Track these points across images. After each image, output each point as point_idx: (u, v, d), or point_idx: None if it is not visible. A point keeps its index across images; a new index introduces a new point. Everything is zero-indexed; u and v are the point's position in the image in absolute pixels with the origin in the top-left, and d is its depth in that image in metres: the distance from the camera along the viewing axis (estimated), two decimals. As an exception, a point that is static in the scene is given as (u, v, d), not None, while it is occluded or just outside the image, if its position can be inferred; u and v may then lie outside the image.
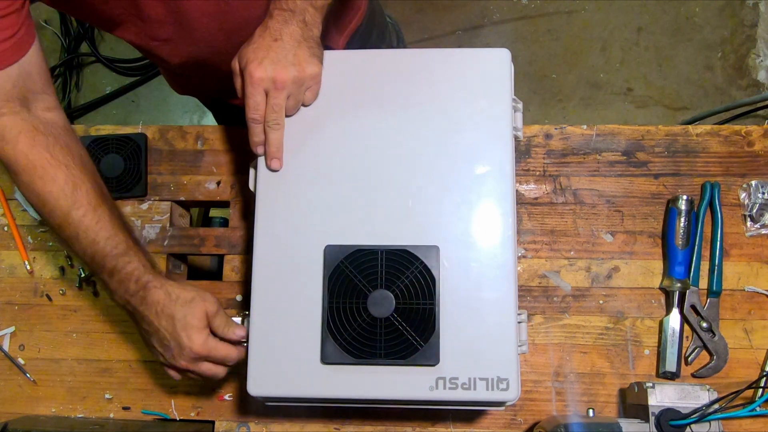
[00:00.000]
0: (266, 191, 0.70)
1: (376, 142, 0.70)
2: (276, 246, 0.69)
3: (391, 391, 0.65)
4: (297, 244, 0.68)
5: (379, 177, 0.69)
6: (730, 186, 0.86)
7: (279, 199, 0.70)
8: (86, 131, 0.92)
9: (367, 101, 0.72)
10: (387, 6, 1.86)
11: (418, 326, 0.65)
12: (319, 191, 0.70)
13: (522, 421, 0.80)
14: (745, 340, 0.82)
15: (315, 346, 0.66)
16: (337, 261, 0.66)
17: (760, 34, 1.82)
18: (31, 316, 0.88)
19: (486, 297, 0.66)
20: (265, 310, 0.68)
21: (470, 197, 0.69)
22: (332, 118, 0.71)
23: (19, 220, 0.91)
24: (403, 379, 0.65)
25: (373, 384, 0.65)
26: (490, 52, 0.73)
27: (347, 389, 0.65)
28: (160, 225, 0.89)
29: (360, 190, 0.69)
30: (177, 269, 0.93)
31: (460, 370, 0.65)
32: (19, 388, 0.86)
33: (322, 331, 0.65)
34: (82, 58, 1.97)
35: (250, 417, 0.83)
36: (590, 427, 0.71)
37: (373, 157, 0.70)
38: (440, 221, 0.68)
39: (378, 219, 0.68)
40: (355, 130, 0.71)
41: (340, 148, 0.71)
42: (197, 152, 0.91)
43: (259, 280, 0.68)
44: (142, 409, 0.84)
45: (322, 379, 0.65)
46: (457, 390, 0.64)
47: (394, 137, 0.70)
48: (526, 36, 1.86)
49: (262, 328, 0.67)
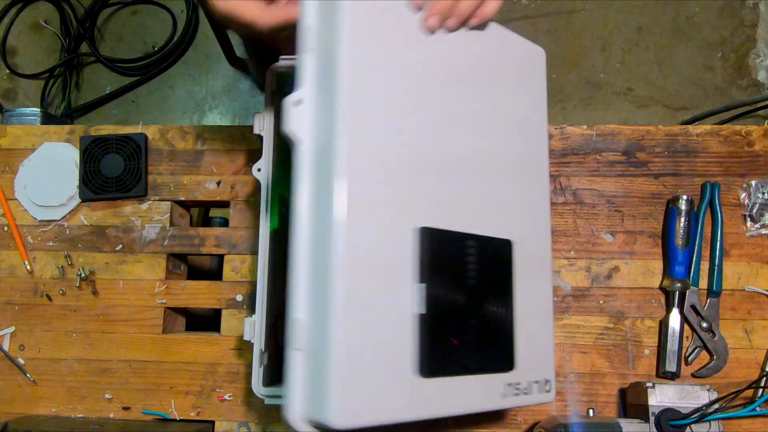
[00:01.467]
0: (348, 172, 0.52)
1: (458, 125, 0.61)
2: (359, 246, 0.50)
3: (472, 403, 0.57)
4: (383, 234, 0.52)
5: (463, 164, 0.60)
6: (730, 186, 0.86)
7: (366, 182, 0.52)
8: (86, 131, 0.93)
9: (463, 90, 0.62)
10: (387, 6, 1.86)
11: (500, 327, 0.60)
12: (409, 178, 0.56)
13: (522, 421, 0.80)
14: (745, 340, 0.82)
15: (409, 358, 0.52)
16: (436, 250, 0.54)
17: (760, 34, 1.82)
18: (31, 316, 0.88)
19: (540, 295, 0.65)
20: (354, 320, 0.49)
21: (542, 193, 0.68)
22: (426, 100, 0.59)
23: (19, 220, 0.91)
24: (479, 388, 0.57)
25: (468, 395, 0.56)
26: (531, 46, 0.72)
27: (447, 404, 0.55)
28: (160, 225, 0.89)
29: (447, 176, 0.59)
30: (177, 269, 0.93)
31: (523, 374, 0.60)
32: (19, 388, 0.86)
33: (420, 339, 0.53)
34: (82, 58, 1.97)
35: (250, 417, 0.83)
36: (590, 427, 0.71)
37: (453, 143, 0.60)
38: (514, 215, 0.64)
39: (458, 207, 0.59)
40: (442, 116, 0.60)
41: (428, 132, 0.58)
42: (197, 152, 0.91)
43: (342, 288, 0.49)
44: (142, 409, 0.84)
45: (422, 396, 0.53)
46: (520, 396, 0.60)
47: (478, 127, 0.63)
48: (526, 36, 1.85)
49: (350, 344, 0.48)
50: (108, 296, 0.88)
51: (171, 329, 0.89)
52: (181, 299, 0.88)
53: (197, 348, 0.85)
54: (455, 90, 0.61)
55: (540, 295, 0.66)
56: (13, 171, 0.92)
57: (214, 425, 0.83)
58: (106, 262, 0.89)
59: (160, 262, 0.88)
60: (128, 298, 0.88)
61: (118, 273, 0.88)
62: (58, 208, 0.90)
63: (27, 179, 0.91)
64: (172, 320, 0.90)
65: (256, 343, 0.73)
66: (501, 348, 0.59)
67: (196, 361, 0.85)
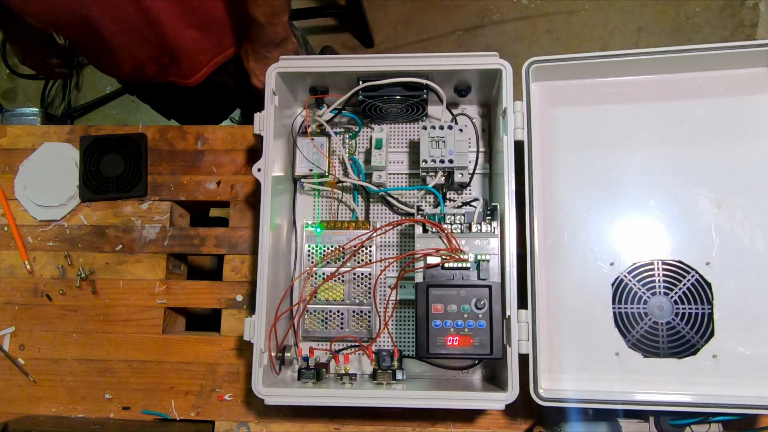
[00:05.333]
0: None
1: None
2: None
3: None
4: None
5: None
6: None
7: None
8: (86, 131, 0.93)
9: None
10: (388, 6, 1.86)
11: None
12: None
13: (522, 421, 0.80)
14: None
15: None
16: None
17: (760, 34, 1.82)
18: (31, 316, 0.88)
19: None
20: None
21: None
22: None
23: (19, 220, 0.91)
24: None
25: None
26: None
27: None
28: (160, 225, 0.89)
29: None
30: (177, 269, 0.93)
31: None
32: (19, 388, 0.86)
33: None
34: (82, 59, 1.97)
35: (250, 417, 0.83)
36: (590, 426, 0.71)
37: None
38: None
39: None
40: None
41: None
42: (197, 152, 0.91)
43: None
44: (142, 409, 0.84)
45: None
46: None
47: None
48: (526, 36, 1.85)
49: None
50: (108, 296, 0.88)
51: (171, 329, 0.89)
52: (181, 299, 0.88)
53: (197, 348, 0.85)
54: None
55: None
56: (13, 171, 0.92)
57: (214, 425, 0.83)
58: (106, 262, 0.89)
59: (160, 262, 0.88)
60: (128, 298, 0.88)
61: (118, 273, 0.88)
62: (58, 208, 0.90)
63: (27, 179, 0.92)
64: (172, 320, 0.90)
65: (256, 343, 0.73)
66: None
67: (196, 361, 0.85)
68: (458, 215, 0.74)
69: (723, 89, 0.78)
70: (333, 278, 0.81)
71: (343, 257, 0.82)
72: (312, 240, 0.83)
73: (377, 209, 0.85)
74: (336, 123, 0.88)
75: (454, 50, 1.81)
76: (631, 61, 0.77)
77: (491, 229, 0.72)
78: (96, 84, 1.96)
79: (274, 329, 0.75)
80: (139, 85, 1.06)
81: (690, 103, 0.78)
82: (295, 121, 0.87)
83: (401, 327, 0.82)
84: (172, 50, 0.90)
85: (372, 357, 0.76)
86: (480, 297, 0.70)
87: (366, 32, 1.81)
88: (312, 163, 0.83)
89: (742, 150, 0.76)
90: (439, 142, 0.78)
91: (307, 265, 0.82)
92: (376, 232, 0.82)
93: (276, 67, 0.78)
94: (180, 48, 0.90)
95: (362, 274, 0.81)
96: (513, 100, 0.75)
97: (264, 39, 0.87)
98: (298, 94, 0.86)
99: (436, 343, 0.70)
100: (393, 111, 0.84)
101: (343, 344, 0.82)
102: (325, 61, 0.79)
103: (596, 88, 0.81)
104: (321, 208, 0.86)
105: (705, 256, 0.75)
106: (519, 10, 1.87)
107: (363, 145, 0.88)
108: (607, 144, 0.79)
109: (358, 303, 0.81)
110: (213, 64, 0.96)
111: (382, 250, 0.84)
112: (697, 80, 0.79)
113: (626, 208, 0.77)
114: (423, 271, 0.72)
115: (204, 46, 0.92)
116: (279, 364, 0.77)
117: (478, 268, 0.72)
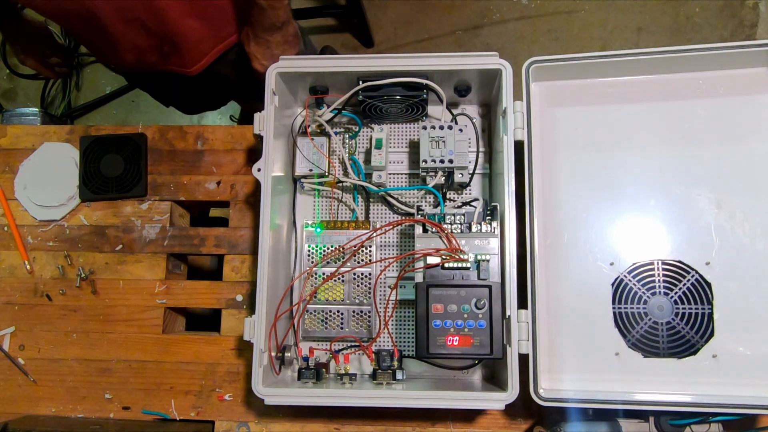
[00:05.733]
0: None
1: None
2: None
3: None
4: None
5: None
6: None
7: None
8: (86, 131, 0.93)
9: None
10: (388, 6, 1.86)
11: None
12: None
13: (522, 421, 0.80)
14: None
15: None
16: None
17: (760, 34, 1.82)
18: (31, 316, 0.88)
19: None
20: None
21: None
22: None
23: (19, 220, 0.91)
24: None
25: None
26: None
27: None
28: (160, 225, 0.89)
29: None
30: (177, 269, 0.93)
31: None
32: (19, 388, 0.86)
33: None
34: (82, 58, 1.97)
35: (250, 417, 0.83)
36: (590, 427, 0.71)
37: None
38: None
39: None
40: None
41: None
42: (197, 152, 0.91)
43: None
44: (142, 409, 0.84)
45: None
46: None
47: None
48: (526, 36, 1.85)
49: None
50: (108, 296, 0.88)
51: (171, 329, 0.89)
52: (181, 299, 0.88)
53: (197, 348, 0.85)
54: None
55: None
56: (13, 171, 0.92)
57: (214, 425, 0.83)
58: (106, 262, 0.89)
59: (160, 262, 0.88)
60: (128, 298, 0.88)
61: (118, 273, 0.88)
62: (58, 208, 0.90)
63: (27, 179, 0.92)
64: (172, 320, 0.90)
65: (256, 343, 0.73)
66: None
67: (196, 361, 0.85)
68: (458, 215, 0.74)
69: (723, 89, 0.78)
70: (333, 278, 0.81)
71: (343, 257, 0.82)
72: (312, 240, 0.83)
73: (377, 209, 0.86)
74: (336, 123, 0.88)
75: (454, 50, 1.81)
76: (631, 61, 0.77)
77: (491, 229, 0.72)
78: (96, 84, 1.95)
79: (274, 329, 0.75)
80: (139, 74, 1.07)
81: (690, 103, 0.78)
82: (295, 121, 0.87)
83: (401, 327, 0.82)
84: (173, 39, 0.89)
85: (372, 357, 0.76)
86: (480, 297, 0.70)
87: (366, 32, 1.81)
88: (312, 163, 0.83)
89: (742, 150, 0.76)
90: (439, 142, 0.78)
91: (307, 265, 0.82)
92: (376, 232, 0.82)
93: (276, 67, 0.78)
94: (182, 36, 0.89)
95: (362, 274, 0.81)
96: (513, 100, 0.75)
97: (265, 22, 0.87)
98: (298, 94, 0.86)
99: (436, 343, 0.70)
100: (393, 111, 0.84)
101: (343, 344, 0.82)
102: (325, 61, 0.79)
103: (596, 88, 0.81)
104: (321, 208, 0.86)
105: (705, 256, 0.75)
106: (519, 10, 1.87)
107: (363, 145, 0.88)
108: (607, 144, 0.79)
109: (358, 303, 0.81)
110: (214, 53, 0.95)
111: (382, 250, 0.84)
112: (697, 80, 0.79)
113: (626, 208, 0.77)
114: (423, 271, 0.72)
115: (205, 35, 0.92)
116: (279, 364, 0.77)
117: (478, 268, 0.72)
